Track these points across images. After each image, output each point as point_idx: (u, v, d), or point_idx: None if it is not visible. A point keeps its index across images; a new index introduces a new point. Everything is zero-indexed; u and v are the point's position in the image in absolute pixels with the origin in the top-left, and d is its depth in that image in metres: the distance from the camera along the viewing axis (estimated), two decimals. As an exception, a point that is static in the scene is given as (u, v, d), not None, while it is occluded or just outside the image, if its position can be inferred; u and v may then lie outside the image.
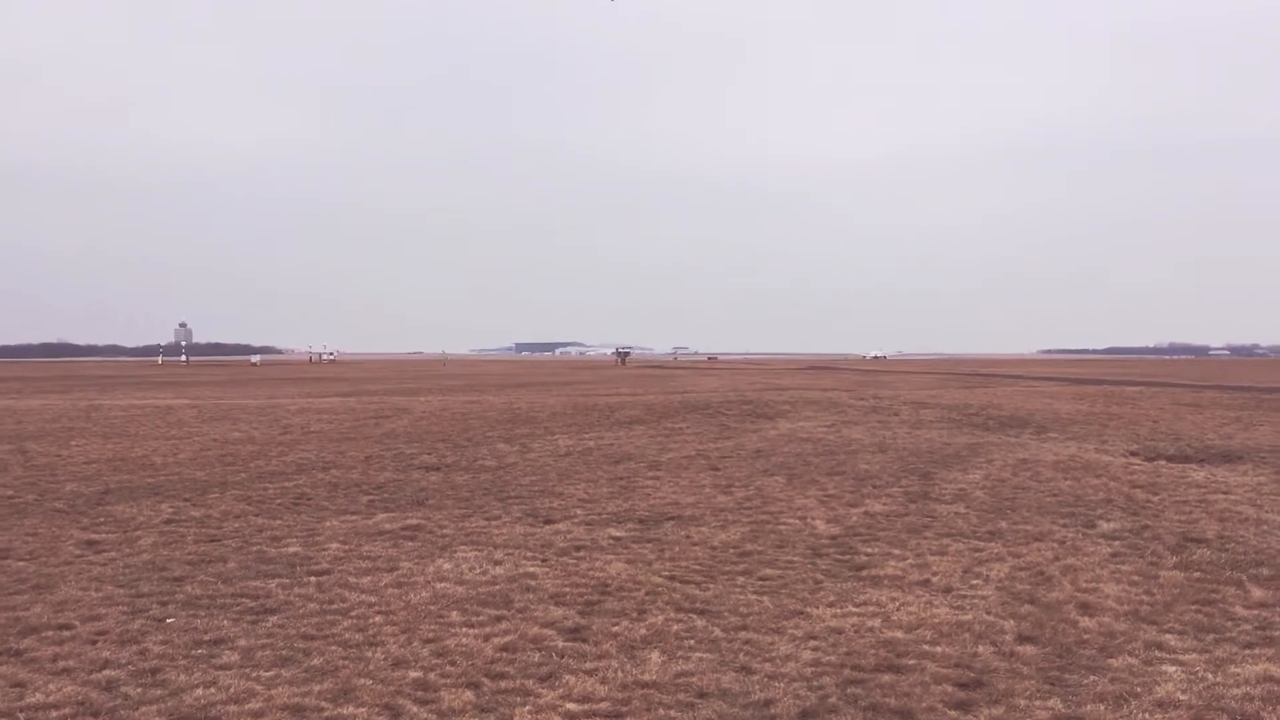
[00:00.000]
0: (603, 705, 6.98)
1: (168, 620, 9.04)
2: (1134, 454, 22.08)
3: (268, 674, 7.60)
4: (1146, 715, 6.78)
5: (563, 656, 8.03)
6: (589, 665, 7.81)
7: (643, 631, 8.67)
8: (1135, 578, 10.60)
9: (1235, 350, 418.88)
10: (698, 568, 11.12)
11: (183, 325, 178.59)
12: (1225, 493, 16.28)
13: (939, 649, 8.17)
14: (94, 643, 8.39)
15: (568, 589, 10.12)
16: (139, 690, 7.26)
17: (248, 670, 7.68)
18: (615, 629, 8.74)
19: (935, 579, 10.55)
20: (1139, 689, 7.26)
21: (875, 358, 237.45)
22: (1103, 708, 6.91)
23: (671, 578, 10.63)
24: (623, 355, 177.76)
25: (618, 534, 13.07)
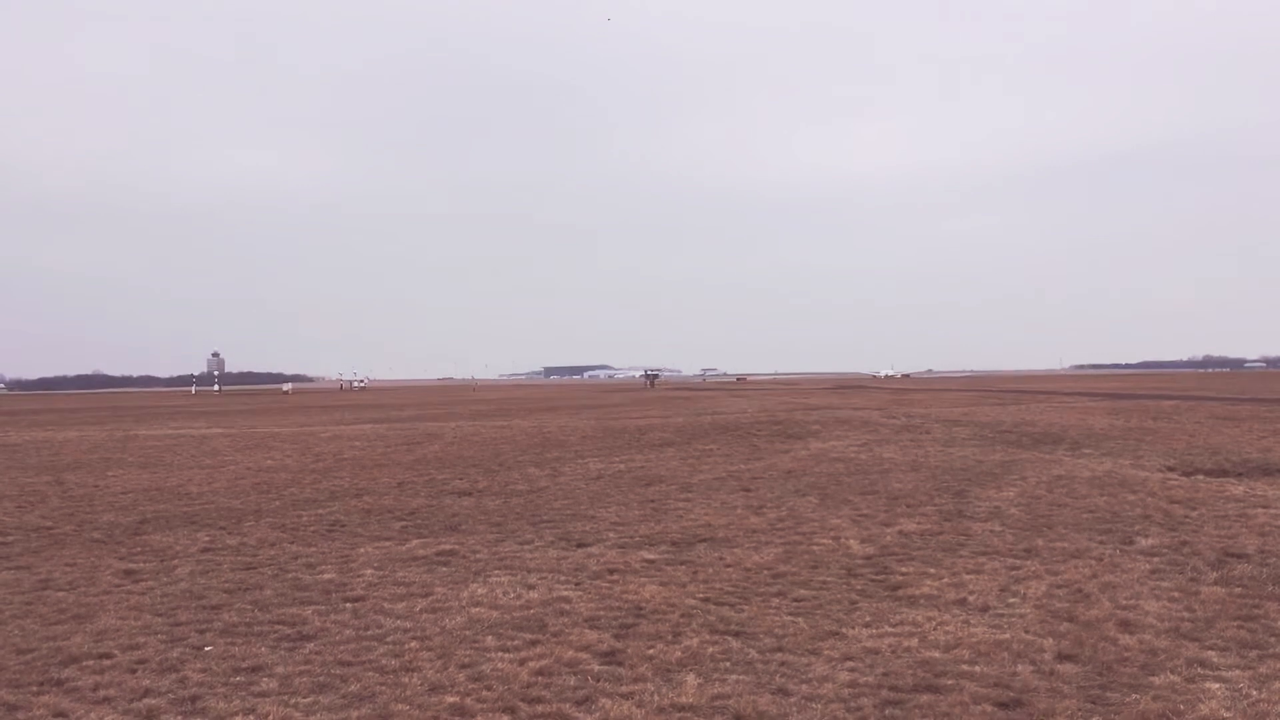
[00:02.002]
0: (640, 729, 6.96)
1: (206, 648, 9.10)
2: (1171, 469, 21.83)
3: (306, 700, 7.64)
4: (1191, 733, 6.68)
5: (598, 680, 8.02)
6: (625, 689, 7.80)
7: (678, 654, 8.65)
8: (1175, 594, 10.47)
9: (1271, 362, 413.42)
10: (732, 589, 11.08)
11: (215, 355, 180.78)
12: (1265, 506, 16.06)
13: (977, 668, 8.10)
14: (134, 671, 8.46)
15: (602, 612, 10.11)
16: (179, 718, 7.32)
17: (286, 697, 7.72)
18: (650, 652, 8.73)
19: (972, 598, 10.47)
20: (1182, 707, 7.17)
21: (889, 376, 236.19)
22: (1146, 726, 6.82)
23: (706, 600, 10.60)
24: (651, 377, 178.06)
25: (651, 556, 13.05)
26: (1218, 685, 7.61)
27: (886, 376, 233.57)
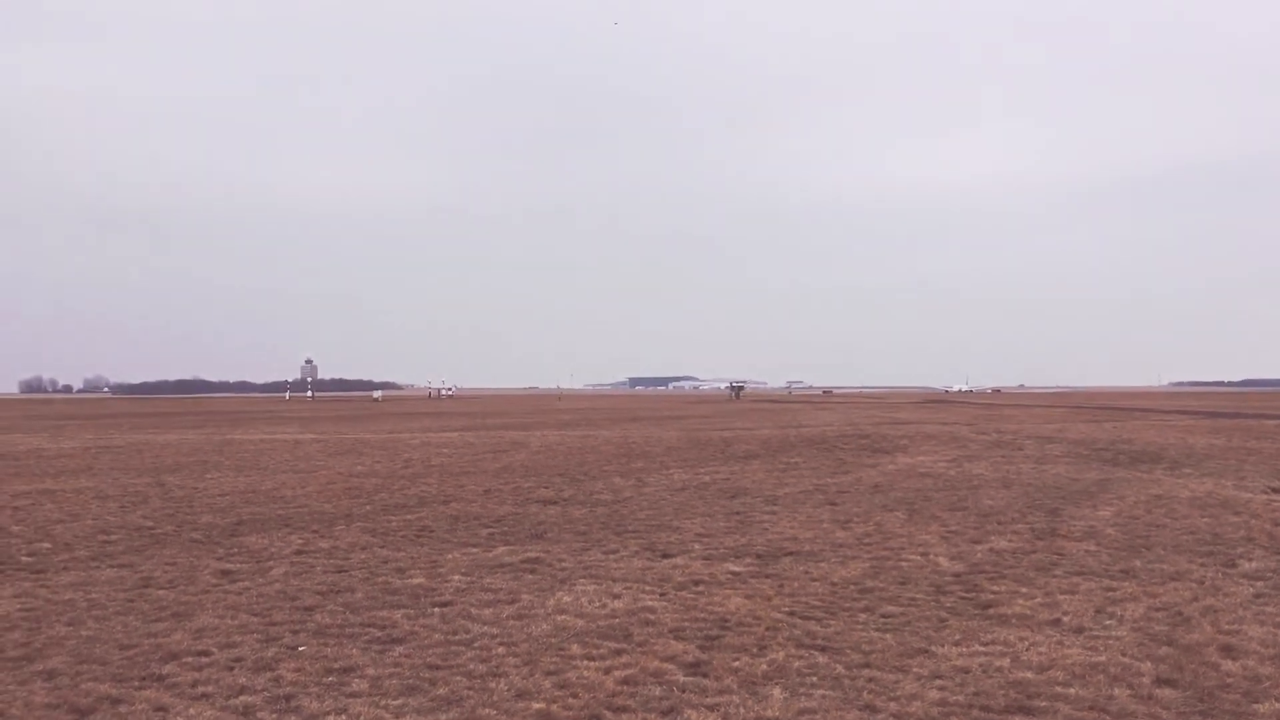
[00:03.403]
0: (725, 741, 6.93)
1: (300, 648, 9.30)
2: (1275, 490, 21.06)
3: (395, 702, 7.76)
4: (1299, 765, 6.43)
5: (684, 691, 8.00)
6: (710, 700, 7.77)
7: (764, 667, 8.59)
8: (1282, 620, 10.09)
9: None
10: (818, 603, 10.98)
11: (309, 362, 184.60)
12: (1378, 531, 15.39)
13: (1072, 690, 7.90)
14: (231, 669, 8.68)
15: (687, 623, 10.09)
16: (274, 716, 7.49)
17: (376, 699, 7.85)
18: (736, 664, 8.68)
19: (1066, 618, 10.21)
20: (1290, 737, 6.90)
21: (963, 391, 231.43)
22: (1250, 756, 6.59)
23: (791, 613, 10.51)
24: (737, 389, 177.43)
25: (736, 569, 12.99)
26: (1328, 716, 7.31)
27: (961, 392, 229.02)
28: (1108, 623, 10.05)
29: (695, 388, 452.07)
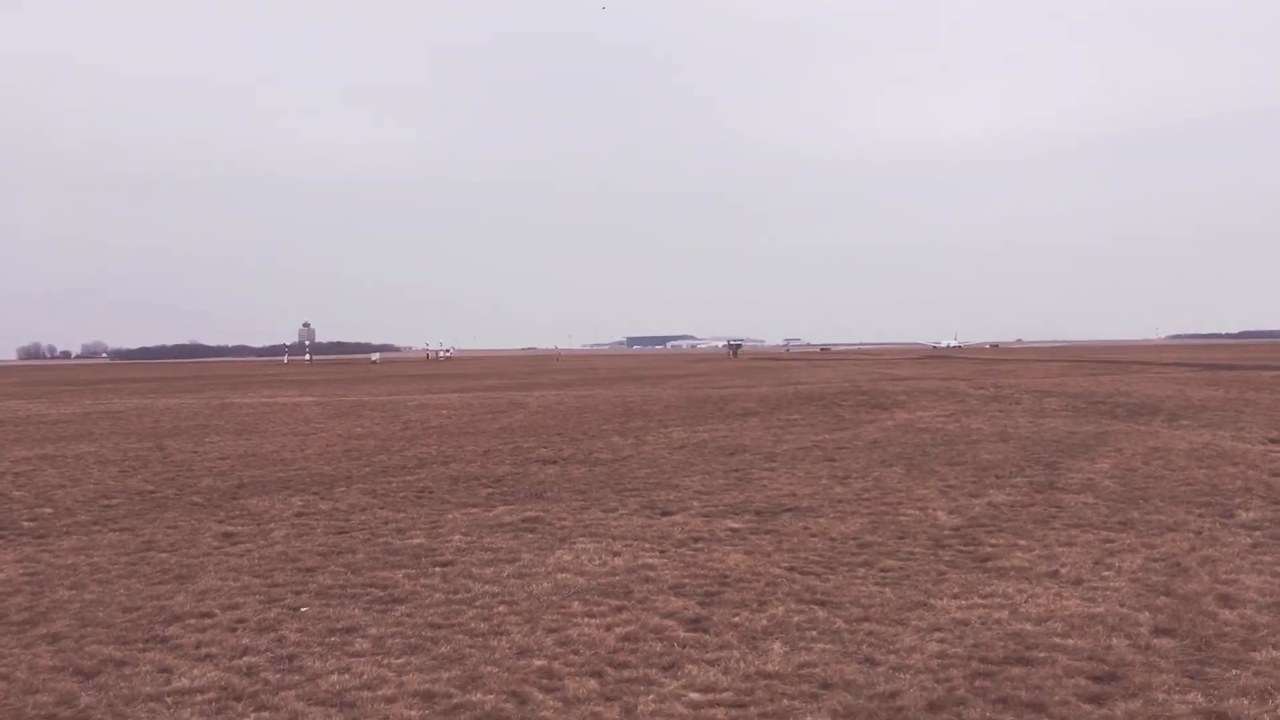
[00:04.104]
0: (726, 695, 6.98)
1: (302, 609, 9.35)
2: (1273, 441, 21.11)
3: (398, 661, 7.81)
4: (1295, 711, 6.48)
5: (684, 647, 8.05)
6: (711, 655, 7.82)
7: (764, 622, 8.64)
8: (1278, 568, 10.15)
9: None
10: (817, 559, 11.03)
11: (306, 325, 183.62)
12: (1375, 481, 15.45)
13: (1071, 641, 7.95)
14: (234, 630, 8.73)
15: (687, 580, 10.14)
16: (278, 676, 7.53)
17: (379, 657, 7.90)
18: (736, 620, 8.73)
19: (1064, 570, 10.27)
20: (1286, 684, 6.95)
21: (952, 347, 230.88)
22: (1246, 702, 6.64)
23: (791, 569, 10.56)
24: (734, 347, 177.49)
25: (735, 525, 13.04)
26: (1324, 663, 7.36)
27: (950, 347, 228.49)
28: (1105, 574, 10.10)
29: (693, 346, 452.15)
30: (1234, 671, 7.22)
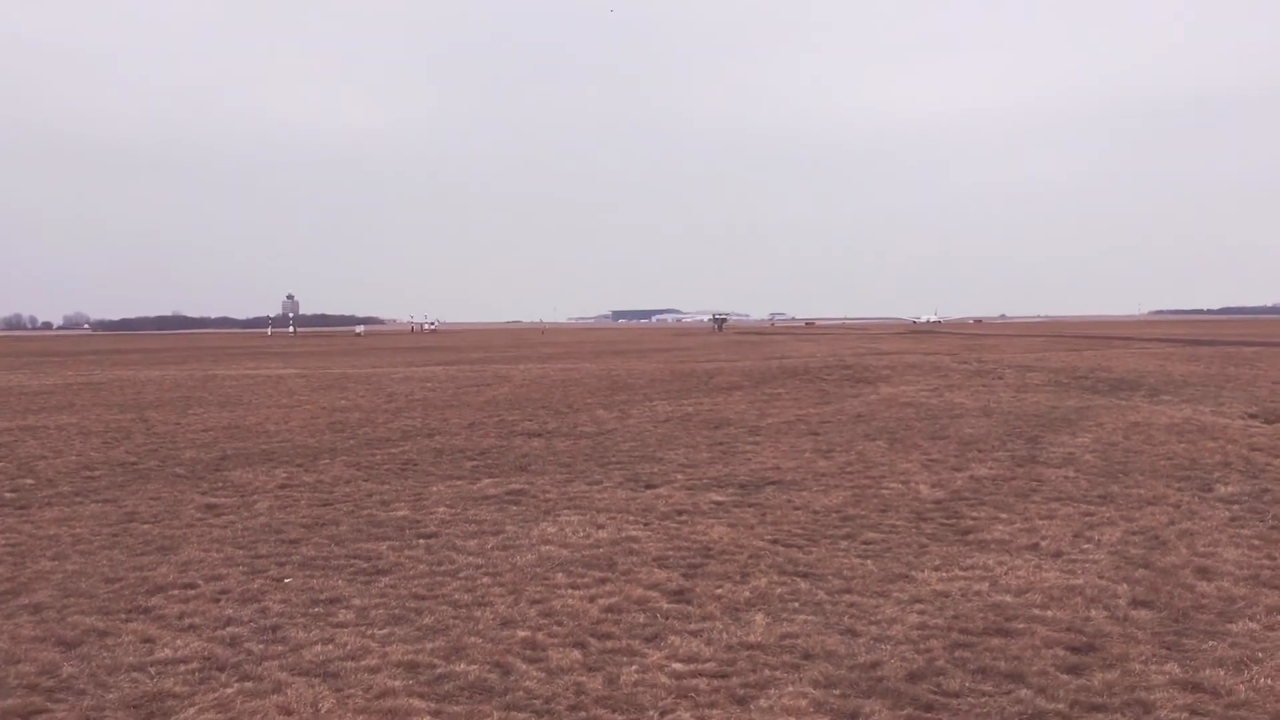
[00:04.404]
0: (708, 665, 7.03)
1: (285, 580, 9.36)
2: (1253, 416, 21.29)
3: (382, 632, 7.83)
4: (1269, 680, 6.57)
5: (667, 618, 8.09)
6: (694, 626, 7.87)
7: (746, 594, 8.69)
8: (1255, 542, 10.26)
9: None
10: (800, 532, 11.09)
11: (290, 297, 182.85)
12: (1352, 455, 15.60)
13: (1050, 613, 8.03)
14: (217, 601, 8.73)
15: (670, 552, 10.18)
16: (261, 646, 7.55)
17: (363, 628, 7.92)
18: (719, 591, 8.78)
19: (1044, 543, 10.35)
20: (1260, 654, 7.04)
21: (931, 322, 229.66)
22: (1222, 672, 6.73)
23: (774, 541, 10.62)
24: (720, 321, 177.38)
25: (719, 498, 13.09)
26: (1299, 634, 7.45)
27: (929, 322, 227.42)
28: (1085, 547, 10.19)
29: (678, 320, 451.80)
30: (1210, 643, 7.30)
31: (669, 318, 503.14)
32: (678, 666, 7.02)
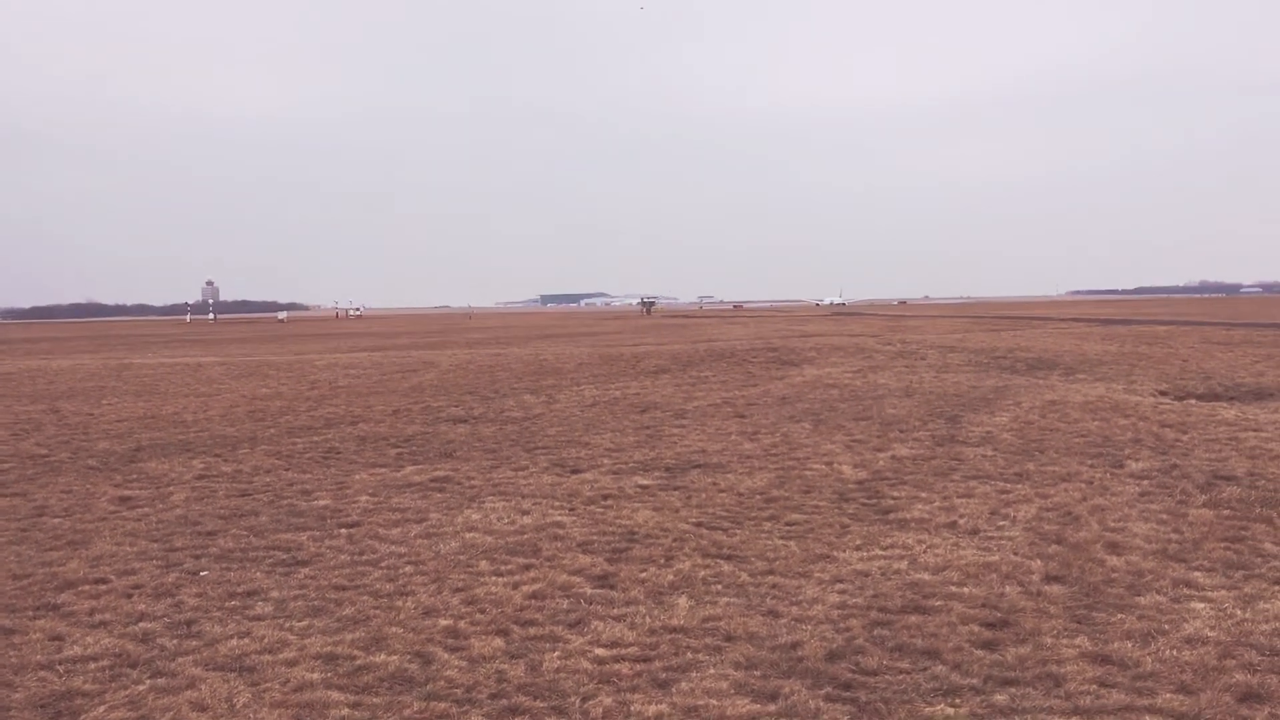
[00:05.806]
0: (631, 650, 7.05)
1: (201, 573, 9.17)
2: (1163, 393, 21.92)
3: (300, 624, 7.71)
4: (1174, 652, 6.77)
5: (591, 603, 8.09)
6: (617, 611, 7.87)
7: (670, 578, 8.72)
8: (1164, 516, 10.55)
9: (1268, 288, 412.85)
10: (725, 514, 11.15)
11: (210, 284, 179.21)
12: (1256, 430, 16.14)
13: (966, 590, 8.19)
14: (129, 596, 8.53)
15: (595, 537, 10.18)
16: (175, 642, 7.39)
17: (281, 621, 7.79)
18: (643, 575, 8.80)
19: (962, 521, 10.55)
20: (1167, 626, 7.25)
21: (835, 304, 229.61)
22: (1130, 645, 6.92)
23: (699, 524, 10.67)
24: (648, 305, 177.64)
25: (645, 482, 13.11)
26: (1203, 605, 7.69)
27: (832, 305, 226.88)
28: (1001, 524, 10.40)
29: (607, 304, 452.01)
30: (1119, 616, 7.50)
31: (598, 302, 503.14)
32: (600, 652, 7.03)
